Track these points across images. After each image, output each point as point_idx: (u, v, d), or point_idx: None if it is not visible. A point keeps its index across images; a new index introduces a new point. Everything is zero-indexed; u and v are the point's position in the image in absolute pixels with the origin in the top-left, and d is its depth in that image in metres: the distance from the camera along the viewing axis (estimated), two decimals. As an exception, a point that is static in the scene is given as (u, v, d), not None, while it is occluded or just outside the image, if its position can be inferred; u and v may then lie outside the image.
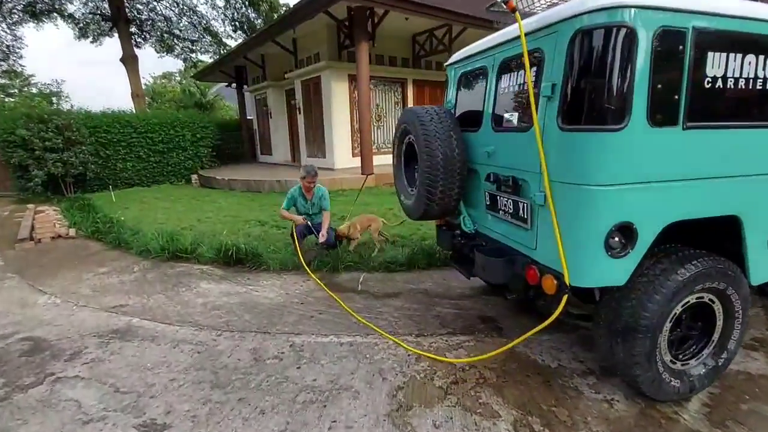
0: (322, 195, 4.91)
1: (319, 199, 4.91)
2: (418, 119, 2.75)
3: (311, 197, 4.88)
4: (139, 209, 8.81)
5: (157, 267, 4.98)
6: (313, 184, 4.75)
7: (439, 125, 2.71)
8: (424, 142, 2.67)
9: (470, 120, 2.86)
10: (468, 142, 2.78)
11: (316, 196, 4.90)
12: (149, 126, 12.55)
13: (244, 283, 4.33)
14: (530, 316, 3.32)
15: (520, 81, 2.31)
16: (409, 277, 4.36)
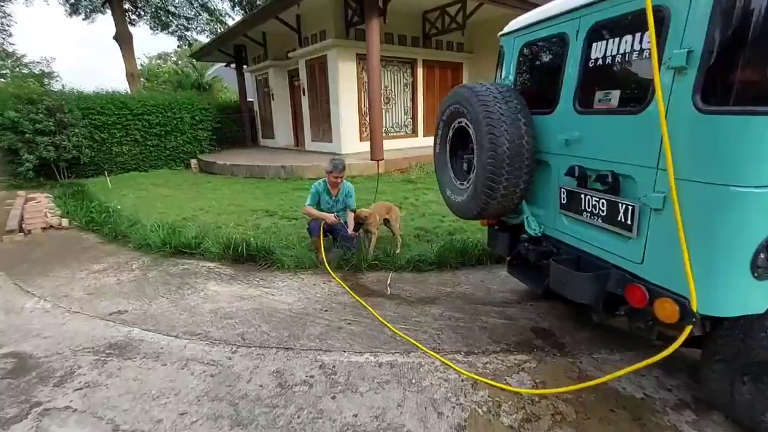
0: (348, 191, 4.51)
1: (345, 196, 4.50)
2: (477, 99, 2.26)
3: (336, 194, 4.45)
4: (136, 197, 8.31)
5: (159, 264, 4.52)
6: (340, 179, 4.34)
7: (505, 107, 2.21)
8: (486, 127, 2.18)
9: (539, 100, 2.36)
10: (537, 127, 2.29)
11: (342, 193, 4.49)
12: (146, 108, 11.94)
13: (257, 285, 3.87)
14: (592, 328, 2.89)
15: (626, 49, 1.81)
16: (442, 278, 3.90)
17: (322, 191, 4.41)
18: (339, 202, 4.49)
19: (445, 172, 2.80)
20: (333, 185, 4.39)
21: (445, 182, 2.82)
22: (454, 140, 2.70)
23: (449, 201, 2.75)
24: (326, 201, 4.44)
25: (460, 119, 2.48)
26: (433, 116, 12.68)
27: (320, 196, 4.41)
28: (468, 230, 5.11)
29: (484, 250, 4.22)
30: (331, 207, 4.46)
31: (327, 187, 4.41)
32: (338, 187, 4.44)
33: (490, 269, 4.08)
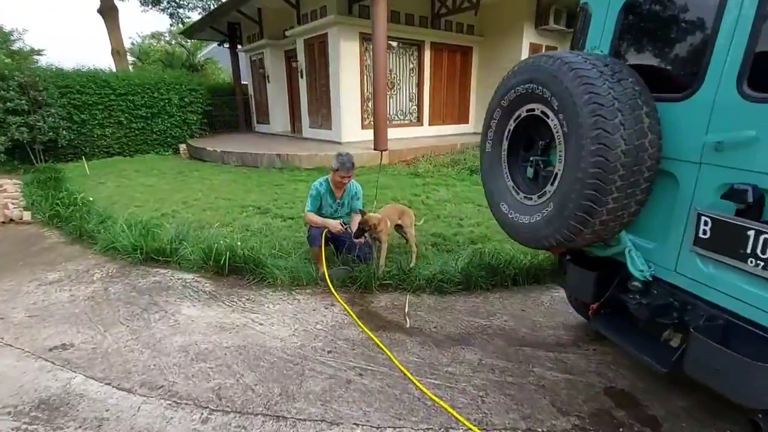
0: (355, 193, 3.75)
1: (351, 199, 3.74)
2: (574, 75, 1.49)
3: (341, 196, 3.69)
4: (115, 185, 7.48)
5: (125, 274, 3.74)
6: (348, 179, 3.55)
7: (618, 87, 1.44)
8: (592, 117, 1.42)
9: (660, 79, 1.59)
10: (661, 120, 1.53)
11: (348, 194, 3.72)
12: (130, 87, 11.00)
13: (242, 308, 3.12)
14: (685, 394, 2.16)
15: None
16: (471, 303, 3.17)
17: (325, 192, 3.62)
18: (344, 206, 3.73)
19: (499, 180, 2.04)
20: (338, 186, 3.62)
21: (498, 193, 2.05)
22: (515, 135, 1.93)
23: (506, 220, 1.99)
24: (328, 204, 3.67)
25: (534, 105, 1.72)
26: (439, 104, 11.85)
27: (322, 199, 3.64)
28: (494, 238, 4.36)
29: (519, 266, 3.48)
30: (334, 212, 3.70)
31: (330, 187, 3.63)
32: (344, 188, 3.67)
33: (528, 293, 3.34)
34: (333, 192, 3.65)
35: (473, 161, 8.36)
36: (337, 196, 3.67)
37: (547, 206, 1.69)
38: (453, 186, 6.82)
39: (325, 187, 3.63)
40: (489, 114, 2.04)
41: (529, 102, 1.75)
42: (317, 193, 3.61)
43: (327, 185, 3.63)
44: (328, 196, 3.65)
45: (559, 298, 3.24)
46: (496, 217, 2.08)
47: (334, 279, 3.40)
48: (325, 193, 3.63)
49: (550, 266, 3.54)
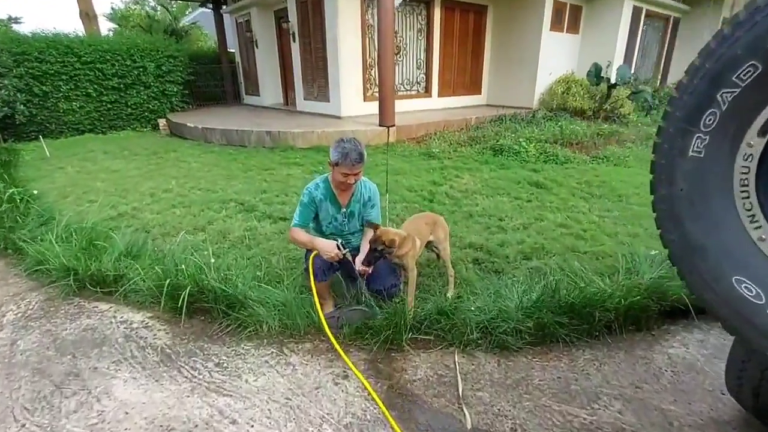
0: (369, 198, 2.56)
1: (363, 206, 2.57)
2: None
3: (348, 201, 2.52)
4: (76, 171, 6.30)
5: (50, 313, 2.66)
6: (355, 177, 2.36)
7: None
8: None
9: None
10: None
11: (358, 199, 2.54)
12: (98, 54, 9.59)
13: (206, 385, 2.04)
14: None
15: None
16: (554, 372, 2.11)
17: (323, 199, 2.49)
18: (354, 218, 2.59)
19: (730, 222, 0.93)
20: (342, 188, 2.45)
21: (726, 251, 0.95)
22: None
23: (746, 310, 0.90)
24: (331, 216, 2.54)
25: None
26: (450, 71, 10.52)
27: (319, 208, 2.51)
28: (551, 249, 3.29)
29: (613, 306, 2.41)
30: (339, 227, 2.58)
31: (331, 190, 2.49)
32: (351, 191, 2.52)
33: (631, 349, 2.29)
34: (335, 197, 2.50)
35: (494, 139, 7.19)
36: (342, 203, 2.53)
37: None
38: (477, 171, 5.68)
39: (324, 190, 2.48)
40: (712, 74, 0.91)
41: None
42: (311, 200, 2.46)
43: (326, 188, 2.49)
44: (328, 204, 2.50)
45: (680, 360, 2.20)
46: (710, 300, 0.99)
47: (344, 325, 2.33)
48: (323, 199, 2.49)
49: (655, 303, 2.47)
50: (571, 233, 3.60)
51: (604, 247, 3.33)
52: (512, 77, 10.78)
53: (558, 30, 10.36)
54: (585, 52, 10.93)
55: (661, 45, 13.25)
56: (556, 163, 6.08)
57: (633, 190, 4.84)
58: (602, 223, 3.84)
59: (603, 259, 3.16)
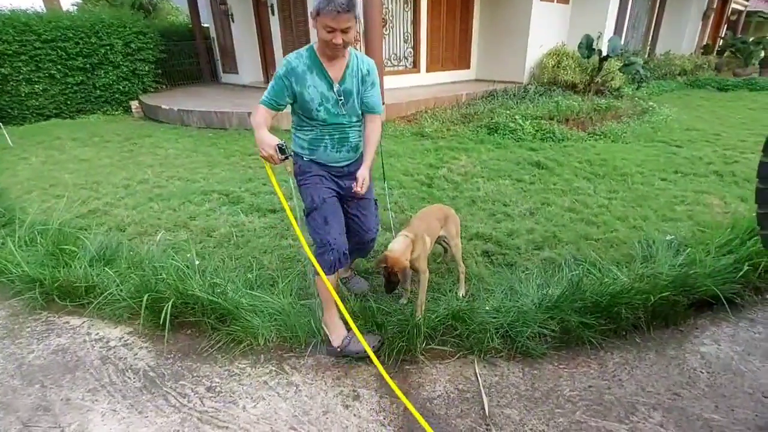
0: (369, 71, 2.00)
1: (362, 82, 1.99)
2: None
3: (342, 75, 1.93)
4: (41, 161, 5.83)
5: (14, 332, 2.36)
6: (347, 38, 1.79)
7: None
8: None
9: None
10: None
11: (354, 72, 1.96)
12: (59, 32, 8.86)
13: (198, 413, 1.80)
14: None
15: None
16: (584, 380, 1.92)
17: (307, 70, 1.89)
18: (351, 99, 1.97)
19: None
20: (330, 53, 1.85)
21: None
22: None
23: None
24: (320, 95, 1.92)
25: None
26: (438, 46, 10.09)
27: (302, 85, 1.89)
28: (563, 238, 3.09)
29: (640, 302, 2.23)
30: (333, 110, 1.96)
31: (318, 59, 1.89)
32: (344, 60, 1.92)
33: (662, 349, 2.12)
34: (323, 68, 1.89)
35: (488, 116, 6.92)
36: (334, 77, 1.91)
37: None
38: (475, 151, 5.42)
39: (308, 59, 1.89)
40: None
41: None
42: (287, 70, 1.88)
43: (310, 56, 1.90)
44: (315, 78, 1.89)
45: (713, 359, 2.04)
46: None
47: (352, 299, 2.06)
48: (307, 71, 1.88)
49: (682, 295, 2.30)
50: (581, 219, 3.41)
51: (617, 233, 3.15)
52: (502, 50, 10.41)
53: (548, 0, 9.99)
54: (575, 23, 10.60)
55: (651, 14, 12.99)
56: (553, 140, 5.86)
57: (636, 168, 4.66)
58: (611, 206, 3.66)
59: (617, 246, 2.98)
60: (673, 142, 5.76)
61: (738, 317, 2.37)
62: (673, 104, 8.54)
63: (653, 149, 5.46)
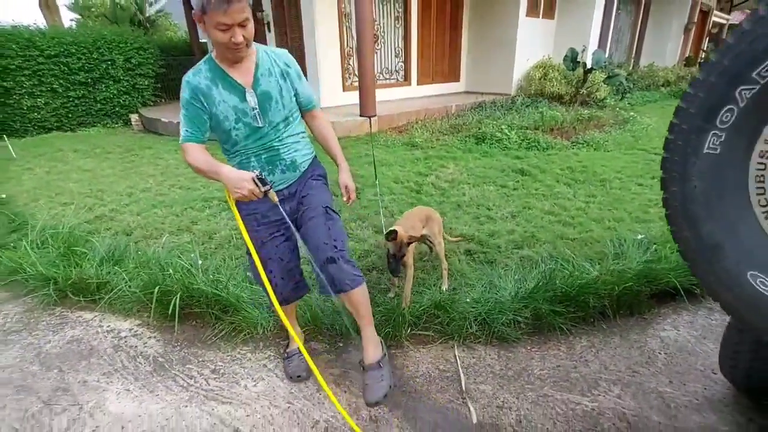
0: (287, 63, 1.72)
1: (283, 78, 1.69)
2: None
3: (251, 75, 1.62)
4: (45, 171, 6.03)
5: (30, 325, 2.54)
6: (246, 32, 1.48)
7: None
8: None
9: None
10: None
11: (267, 70, 1.65)
12: (62, 47, 9.12)
13: (204, 392, 1.99)
14: None
15: None
16: (554, 361, 2.13)
17: (212, 84, 1.59)
18: (273, 102, 1.66)
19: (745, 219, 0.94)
20: (231, 55, 1.55)
21: (742, 248, 0.96)
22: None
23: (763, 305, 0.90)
24: (232, 109, 1.61)
25: None
26: (428, 59, 10.44)
27: (212, 104, 1.59)
28: (541, 237, 3.32)
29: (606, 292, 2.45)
30: (254, 125, 1.65)
31: (219, 68, 1.60)
32: (250, 60, 1.63)
33: (626, 334, 2.34)
34: (228, 76, 1.60)
35: (476, 127, 7.20)
36: (245, 83, 1.62)
37: None
38: (462, 160, 5.67)
39: (208, 71, 1.60)
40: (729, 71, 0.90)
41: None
42: (192, 92, 1.56)
43: (211, 68, 1.60)
44: (222, 92, 1.59)
45: (672, 342, 2.26)
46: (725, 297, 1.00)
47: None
48: (211, 85, 1.58)
49: (645, 287, 2.53)
50: (558, 220, 3.64)
51: (592, 233, 3.38)
52: (490, 63, 10.78)
53: (534, 15, 10.40)
54: (561, 37, 11.01)
55: (634, 28, 13.47)
56: (538, 149, 6.13)
57: (614, 174, 4.92)
58: (588, 208, 3.90)
59: (591, 245, 3.21)
60: (652, 149, 6.04)
61: (698, 306, 2.59)
62: (654, 114, 8.88)
63: (632, 156, 5.73)
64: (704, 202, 0.99)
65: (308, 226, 1.75)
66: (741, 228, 0.95)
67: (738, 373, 1.74)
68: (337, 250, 1.70)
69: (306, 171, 1.85)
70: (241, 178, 1.53)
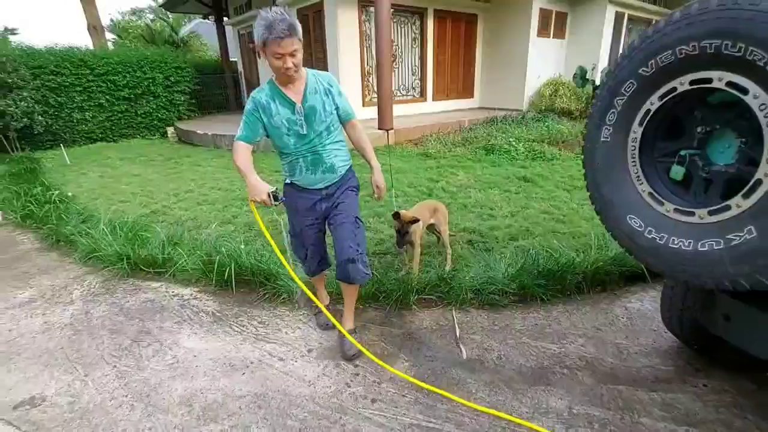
0: (329, 85, 2.14)
1: (326, 95, 2.10)
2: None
3: (302, 95, 2.05)
4: (98, 176, 6.79)
5: (110, 290, 3.15)
6: (295, 60, 1.92)
7: None
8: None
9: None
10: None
11: (314, 89, 2.08)
12: (110, 67, 10.11)
13: (254, 335, 2.55)
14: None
15: None
16: (533, 321, 2.62)
17: (270, 100, 2.03)
18: (317, 115, 2.06)
19: (625, 182, 1.45)
20: (285, 78, 1.98)
21: (623, 201, 1.47)
22: (654, 119, 1.34)
23: (637, 241, 1.41)
24: (286, 122, 2.04)
25: (715, 73, 1.12)
26: (443, 77, 11.09)
27: (269, 115, 2.03)
28: (535, 232, 3.81)
29: (582, 270, 2.93)
30: (299, 133, 2.06)
31: (277, 88, 2.03)
32: (301, 82, 2.05)
33: (596, 304, 2.81)
34: (284, 94, 2.02)
35: (486, 139, 7.73)
36: (296, 99, 2.02)
37: (737, 230, 1.12)
38: (471, 168, 6.21)
39: (269, 91, 2.04)
40: (611, 88, 1.43)
41: (702, 69, 1.15)
42: (254, 105, 2.02)
43: (271, 88, 2.04)
44: (278, 106, 2.02)
45: (635, 311, 2.72)
46: (617, 234, 1.51)
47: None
48: (270, 101, 2.01)
49: (617, 269, 3.00)
50: (552, 218, 4.13)
51: (580, 228, 3.85)
52: (503, 81, 11.35)
53: (545, 36, 10.96)
54: (571, 56, 11.52)
55: (645, 48, 13.85)
56: (543, 160, 6.61)
57: (611, 182, 5.37)
58: (580, 209, 4.36)
59: (579, 238, 3.68)
60: (650, 161, 6.45)
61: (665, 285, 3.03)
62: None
63: (631, 167, 6.15)
64: (603, 172, 1.50)
65: (340, 228, 2.20)
66: (622, 188, 1.45)
67: (674, 323, 2.21)
68: (358, 253, 2.19)
69: (344, 176, 2.25)
70: (259, 189, 1.97)
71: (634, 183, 1.42)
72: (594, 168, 1.54)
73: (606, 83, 1.45)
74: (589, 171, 1.56)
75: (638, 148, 1.40)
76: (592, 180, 1.56)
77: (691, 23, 1.16)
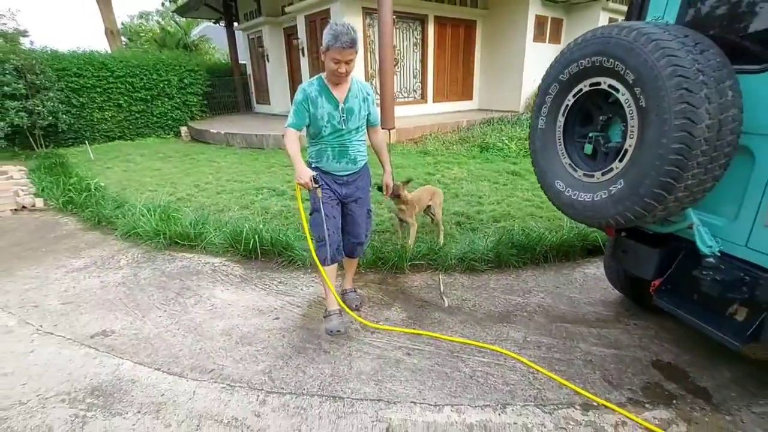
0: (368, 94, 2.49)
1: (364, 101, 2.45)
2: (654, 46, 1.44)
3: (345, 96, 2.38)
4: (122, 170, 7.38)
5: (152, 259, 3.72)
6: (349, 67, 2.26)
7: (702, 60, 1.40)
8: (677, 91, 1.38)
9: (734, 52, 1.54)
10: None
11: (356, 95, 2.42)
12: (128, 69, 10.75)
13: (275, 291, 3.11)
14: (731, 366, 2.20)
15: None
16: (505, 281, 3.18)
17: (317, 95, 2.33)
18: (353, 115, 2.40)
19: (554, 157, 2.00)
20: (335, 80, 2.32)
21: (552, 171, 2.02)
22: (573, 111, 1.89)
23: (562, 199, 1.96)
24: (328, 114, 2.35)
25: (601, 79, 1.67)
26: (443, 80, 11.66)
27: (314, 105, 2.33)
28: (515, 216, 4.35)
29: (549, 243, 3.48)
30: (337, 125, 2.38)
31: (325, 84, 2.35)
32: (346, 85, 2.39)
33: (560, 269, 3.36)
34: (330, 92, 2.34)
35: (482, 138, 8.29)
36: (339, 99, 2.35)
37: (615, 184, 1.67)
38: (465, 164, 6.76)
39: (317, 86, 2.34)
40: (543, 89, 1.99)
41: (595, 75, 1.70)
42: (304, 97, 2.32)
43: (320, 84, 2.35)
44: (323, 101, 2.32)
45: (591, 275, 3.26)
46: (550, 195, 2.06)
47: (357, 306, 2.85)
48: (317, 95, 2.32)
49: (579, 243, 3.55)
50: (532, 205, 4.68)
51: (556, 213, 4.40)
52: (500, 84, 11.91)
53: (541, 41, 11.51)
54: (565, 61, 12.05)
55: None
56: (532, 157, 7.15)
57: (591, 176, 5.91)
58: (559, 198, 4.91)
59: (553, 221, 4.23)
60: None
61: (622, 260, 3.58)
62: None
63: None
64: (540, 151, 2.05)
65: (358, 217, 2.63)
66: (552, 161, 2.00)
67: (612, 276, 2.75)
68: (366, 238, 2.77)
69: (361, 170, 2.57)
70: (306, 174, 2.26)
71: (560, 157, 1.97)
72: (535, 148, 2.09)
73: (540, 86, 2.00)
74: (532, 150, 2.11)
75: (563, 132, 1.95)
76: (533, 157, 2.11)
77: (586, 45, 1.71)
